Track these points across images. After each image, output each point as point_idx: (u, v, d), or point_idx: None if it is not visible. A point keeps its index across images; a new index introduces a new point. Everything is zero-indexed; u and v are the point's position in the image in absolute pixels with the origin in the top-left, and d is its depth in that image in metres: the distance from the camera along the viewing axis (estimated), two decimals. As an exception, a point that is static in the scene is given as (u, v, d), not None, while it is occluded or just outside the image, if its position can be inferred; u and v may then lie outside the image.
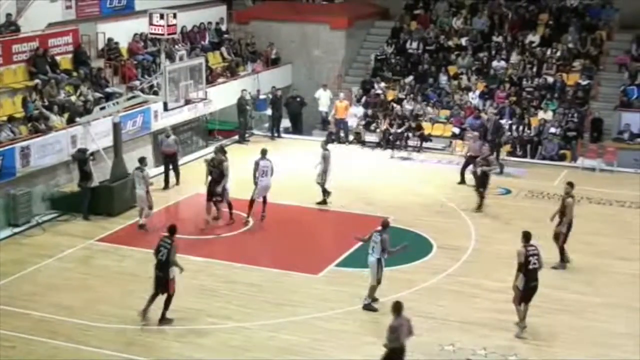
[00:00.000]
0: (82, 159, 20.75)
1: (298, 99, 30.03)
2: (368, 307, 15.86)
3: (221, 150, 20.70)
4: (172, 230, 15.17)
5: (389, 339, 12.47)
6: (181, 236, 19.21)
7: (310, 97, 30.01)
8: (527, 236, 14.88)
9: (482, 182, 21.55)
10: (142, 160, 20.11)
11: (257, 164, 20.27)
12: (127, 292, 16.58)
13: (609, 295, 16.58)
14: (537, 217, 20.20)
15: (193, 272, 17.42)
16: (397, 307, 12.55)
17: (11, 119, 20.95)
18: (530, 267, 14.62)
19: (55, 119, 21.53)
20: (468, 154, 23.80)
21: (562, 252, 17.86)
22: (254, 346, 14.51)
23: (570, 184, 18.06)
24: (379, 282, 15.83)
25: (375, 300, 15.92)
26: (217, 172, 20.05)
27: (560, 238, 17.79)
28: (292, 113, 30.07)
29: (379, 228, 15.76)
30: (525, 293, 14.70)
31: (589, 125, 27.20)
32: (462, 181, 23.58)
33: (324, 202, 21.62)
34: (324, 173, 21.46)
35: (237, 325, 15.24)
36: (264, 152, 20.53)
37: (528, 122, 27.10)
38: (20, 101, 21.94)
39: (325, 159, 21.47)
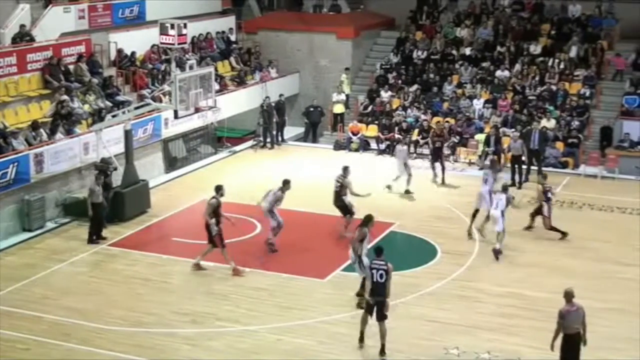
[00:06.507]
0: (101, 169, 20.71)
1: (319, 109, 30.47)
2: (497, 252, 18.68)
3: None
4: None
5: (557, 324, 13.11)
6: (190, 241, 19.71)
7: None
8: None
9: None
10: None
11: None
12: (136, 295, 16.86)
13: (611, 300, 16.73)
14: (539, 222, 20.44)
15: (202, 276, 17.86)
16: (567, 294, 13.12)
17: (35, 125, 21.20)
18: None
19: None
20: (511, 154, 24.41)
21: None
22: (261, 349, 14.70)
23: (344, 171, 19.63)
24: (504, 230, 18.70)
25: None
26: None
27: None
28: (312, 122, 30.54)
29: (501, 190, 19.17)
30: None
31: (599, 134, 27.45)
32: (513, 183, 23.93)
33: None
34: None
35: (245, 328, 15.42)
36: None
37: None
38: (35, 109, 22.35)
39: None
